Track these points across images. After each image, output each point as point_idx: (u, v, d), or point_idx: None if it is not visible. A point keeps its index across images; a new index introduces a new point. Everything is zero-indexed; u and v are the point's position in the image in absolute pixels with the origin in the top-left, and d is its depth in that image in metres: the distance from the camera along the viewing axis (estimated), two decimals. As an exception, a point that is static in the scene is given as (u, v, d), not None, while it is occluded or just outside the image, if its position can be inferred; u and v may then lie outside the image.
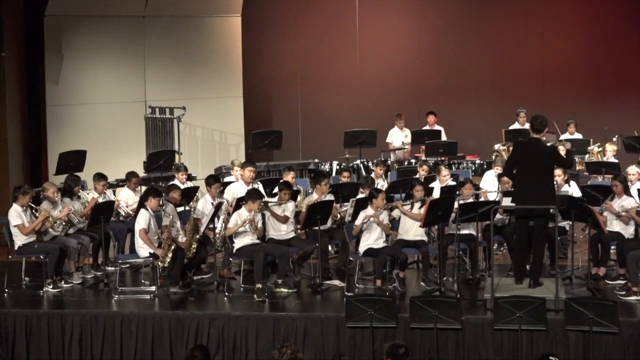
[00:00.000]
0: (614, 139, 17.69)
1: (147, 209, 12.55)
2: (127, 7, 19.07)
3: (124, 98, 19.17)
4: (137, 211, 12.76)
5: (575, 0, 21.29)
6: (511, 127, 18.60)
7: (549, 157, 11.86)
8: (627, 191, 12.88)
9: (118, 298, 12.28)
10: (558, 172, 13.28)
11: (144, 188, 14.18)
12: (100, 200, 13.61)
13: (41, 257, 12.70)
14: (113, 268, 13.36)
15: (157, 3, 19.23)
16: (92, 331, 11.59)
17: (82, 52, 18.78)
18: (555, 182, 13.21)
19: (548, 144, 15.32)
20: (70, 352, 11.59)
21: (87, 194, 13.92)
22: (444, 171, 14.36)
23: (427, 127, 19.07)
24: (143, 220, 12.44)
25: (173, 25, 19.64)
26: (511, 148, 14.80)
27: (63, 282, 12.84)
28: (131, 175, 14.42)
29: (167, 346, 11.46)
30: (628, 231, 12.66)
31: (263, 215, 12.85)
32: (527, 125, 17.66)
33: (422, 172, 15.04)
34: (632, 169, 14.00)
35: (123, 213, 13.88)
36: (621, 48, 20.99)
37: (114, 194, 15.16)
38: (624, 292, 11.69)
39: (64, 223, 13.04)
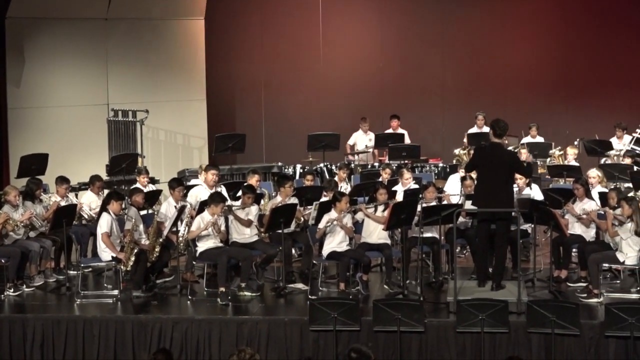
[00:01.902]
0: (575, 143, 17.82)
1: (109, 213, 12.49)
2: (89, 10, 18.97)
3: (86, 101, 19.06)
4: (99, 215, 12.69)
5: (537, 4, 21.42)
6: (470, 131, 18.68)
7: (509, 163, 11.95)
8: (588, 194, 13.00)
9: (80, 302, 12.20)
10: (520, 175, 13.38)
11: (107, 191, 14.10)
12: (63, 203, 13.50)
13: (2, 260, 12.56)
14: (75, 272, 13.23)
15: (119, 6, 19.14)
16: (54, 335, 11.50)
17: (44, 54, 18.65)
18: (517, 185, 13.32)
19: (509, 148, 15.45)
20: (32, 356, 11.49)
21: (49, 197, 13.84)
22: (407, 174, 14.41)
23: (390, 131, 19.10)
24: (105, 224, 12.38)
25: (136, 28, 19.57)
26: (471, 152, 14.86)
27: (24, 286, 12.74)
28: (95, 178, 14.33)
29: (129, 350, 11.40)
30: (589, 234, 12.77)
31: (226, 219, 12.82)
32: (485, 128, 17.78)
33: (385, 176, 15.08)
34: (593, 172, 14.13)
35: (86, 216, 13.79)
36: (582, 52, 21.14)
37: (77, 198, 15.05)
38: (585, 295, 11.77)
39: (25, 226, 12.94)
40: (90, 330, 11.48)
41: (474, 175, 13.61)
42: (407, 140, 18.75)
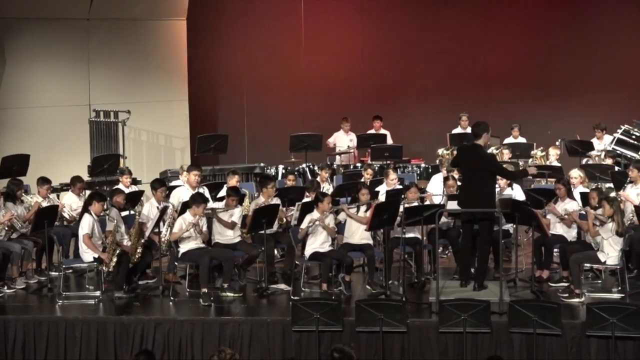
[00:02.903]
0: (557, 143, 17.88)
1: (90, 214, 12.45)
2: (71, 10, 18.92)
3: (68, 101, 19.01)
4: (81, 216, 12.65)
5: (518, 4, 21.49)
6: (454, 131, 18.72)
7: (486, 164, 12.01)
8: (570, 194, 13.04)
9: (62, 303, 12.16)
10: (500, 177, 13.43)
11: (88, 192, 14.06)
12: (44, 204, 13.47)
13: (-17, 262, 12.54)
14: (57, 273, 13.21)
15: (101, 6, 19.10)
16: (35, 337, 11.45)
17: (25, 55, 18.61)
18: (498, 186, 13.35)
19: (489, 150, 15.49)
20: (14, 358, 11.44)
21: (31, 198, 13.79)
22: (392, 175, 14.42)
23: (373, 132, 19.11)
24: (86, 225, 12.34)
25: (118, 29, 19.53)
26: (454, 152, 14.93)
27: (6, 287, 12.69)
28: (76, 180, 14.29)
29: (111, 351, 11.36)
30: (571, 234, 12.81)
31: (209, 220, 12.81)
32: (469, 129, 17.81)
33: (366, 176, 15.09)
34: (574, 173, 14.18)
35: (67, 217, 13.75)
36: (564, 53, 21.23)
37: (58, 198, 15.01)
38: (566, 295, 11.80)
39: (6, 228, 12.89)
40: (72, 332, 11.43)
41: (456, 175, 13.69)
42: (390, 141, 18.77)
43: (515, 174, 13.39)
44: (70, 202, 14.00)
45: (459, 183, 13.22)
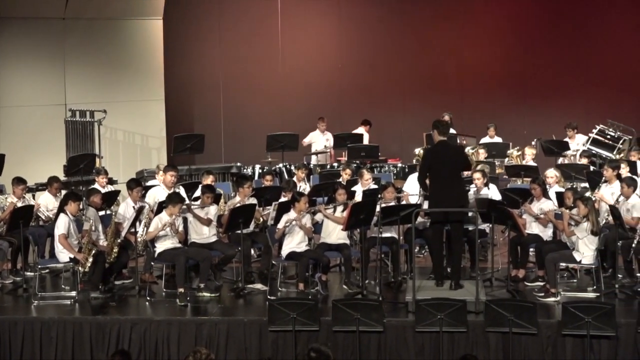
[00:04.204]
0: (533, 143, 17.99)
1: (66, 214, 12.39)
2: (46, 9, 18.83)
3: (43, 101, 18.93)
4: (56, 216, 12.59)
5: (495, 5, 21.58)
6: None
7: (456, 155, 12.11)
8: (545, 194, 13.09)
9: (38, 303, 12.11)
10: (477, 175, 13.50)
11: (65, 192, 13.99)
12: (20, 204, 13.39)
13: (-42, 262, 12.48)
14: (32, 273, 13.14)
15: (77, 5, 19.02)
16: (10, 337, 11.38)
17: (0, 54, 18.48)
18: (475, 185, 13.41)
19: (467, 149, 15.56)
20: (-11, 358, 11.42)
21: (6, 198, 13.71)
22: (367, 175, 14.43)
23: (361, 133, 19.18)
24: (62, 225, 12.28)
25: (94, 28, 19.46)
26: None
27: (-19, 287, 12.65)
28: (53, 180, 14.21)
29: (87, 352, 11.31)
30: (546, 234, 12.87)
31: (185, 219, 12.78)
32: (452, 130, 17.93)
33: (345, 176, 15.09)
34: (550, 172, 14.25)
35: (43, 217, 13.68)
36: (540, 52, 21.35)
37: (34, 198, 14.94)
38: (542, 294, 11.85)
39: (-18, 228, 12.84)
40: (47, 332, 11.38)
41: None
42: (366, 141, 18.80)
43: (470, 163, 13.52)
44: (47, 202, 13.92)
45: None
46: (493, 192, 13.66)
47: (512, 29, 21.49)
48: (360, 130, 19.30)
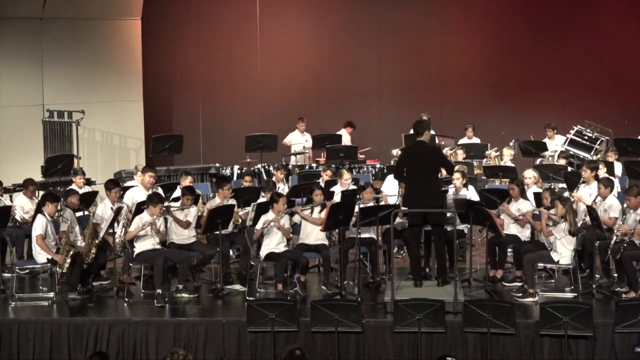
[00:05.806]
0: (511, 144, 18.05)
1: (44, 215, 12.34)
2: (24, 9, 18.75)
3: (21, 101, 18.86)
4: (34, 217, 12.53)
5: (474, 6, 21.64)
6: (411, 132, 18.74)
7: (432, 156, 12.13)
8: (523, 194, 13.16)
9: (15, 305, 12.06)
10: (457, 175, 13.52)
11: (42, 193, 13.94)
12: (-4, 205, 13.35)
13: None
14: (10, 274, 13.07)
15: (55, 5, 18.94)
16: (-12, 339, 11.36)
17: (-23, 54, 18.46)
18: (453, 186, 13.44)
19: (445, 149, 15.58)
20: (-34, 360, 11.36)
21: (-17, 199, 13.66)
22: (346, 175, 14.42)
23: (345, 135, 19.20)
24: (40, 226, 12.23)
25: (72, 28, 19.39)
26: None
27: (-42, 289, 12.57)
28: (28, 182, 14.15)
29: (65, 353, 11.27)
30: (524, 234, 12.92)
31: (165, 220, 12.75)
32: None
33: (325, 177, 15.09)
34: (528, 173, 14.31)
35: (19, 219, 13.61)
36: (518, 54, 21.44)
37: (11, 199, 14.87)
38: (520, 294, 11.90)
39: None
40: (25, 334, 11.33)
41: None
42: (349, 142, 18.85)
43: (452, 165, 13.52)
44: (22, 205, 13.86)
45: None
46: (471, 193, 13.70)
47: (490, 31, 21.56)
48: (343, 132, 19.31)
